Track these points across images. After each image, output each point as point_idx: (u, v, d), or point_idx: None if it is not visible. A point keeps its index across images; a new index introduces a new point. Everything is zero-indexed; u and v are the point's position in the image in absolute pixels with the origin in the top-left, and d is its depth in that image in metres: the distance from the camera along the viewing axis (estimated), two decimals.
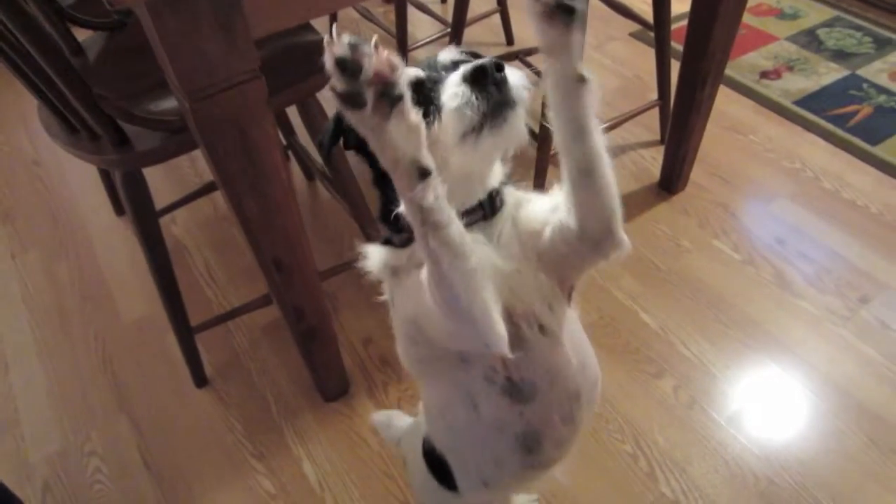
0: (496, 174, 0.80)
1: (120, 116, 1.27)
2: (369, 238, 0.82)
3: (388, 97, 0.54)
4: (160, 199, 1.60)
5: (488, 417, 0.83)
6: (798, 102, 2.45)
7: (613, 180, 0.70)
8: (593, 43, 2.77)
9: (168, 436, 1.69)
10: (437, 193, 0.59)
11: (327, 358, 1.61)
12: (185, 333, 1.66)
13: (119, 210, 2.23)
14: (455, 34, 2.27)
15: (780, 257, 1.95)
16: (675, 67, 1.97)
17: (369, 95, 0.54)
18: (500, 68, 0.67)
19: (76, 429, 1.72)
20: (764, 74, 2.59)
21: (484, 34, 2.85)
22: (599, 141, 0.68)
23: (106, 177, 2.12)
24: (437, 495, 1.02)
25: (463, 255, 0.64)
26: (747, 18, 2.82)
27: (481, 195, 0.77)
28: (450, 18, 2.32)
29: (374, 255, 0.81)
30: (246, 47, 1.00)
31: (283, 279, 1.33)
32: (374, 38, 0.54)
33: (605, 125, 2.12)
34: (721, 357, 1.73)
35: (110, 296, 2.01)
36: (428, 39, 2.65)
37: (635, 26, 2.76)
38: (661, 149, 2.19)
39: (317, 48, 1.51)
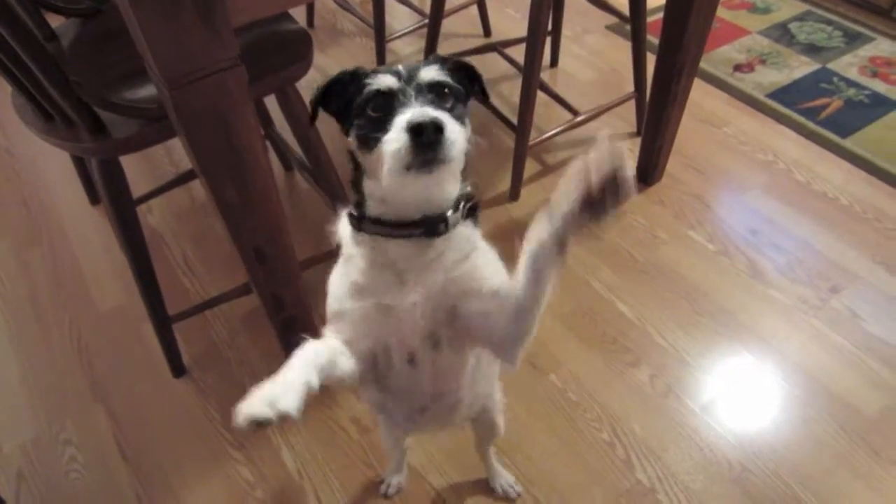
0: (446, 202, 0.83)
1: (97, 104, 1.26)
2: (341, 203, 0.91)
3: None
4: (135, 188, 1.59)
5: (388, 387, 0.95)
6: (770, 95, 2.48)
7: (538, 321, 0.81)
8: (569, 35, 2.78)
9: (145, 425, 1.68)
10: None
11: None
12: (163, 323, 1.65)
13: (93, 199, 2.21)
14: (433, 25, 2.27)
15: (754, 248, 1.98)
16: (650, 60, 1.99)
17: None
18: (439, 129, 0.71)
19: (51, 418, 1.70)
20: (737, 67, 2.62)
21: (462, 25, 2.85)
22: (546, 293, 0.78)
23: (80, 165, 2.09)
24: None
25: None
26: (720, 12, 2.86)
27: (424, 213, 0.81)
28: (428, 10, 2.32)
29: (343, 228, 0.89)
30: (226, 35, 0.99)
31: (264, 268, 1.33)
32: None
33: (581, 117, 2.13)
34: (696, 346, 1.75)
35: (85, 285, 1.99)
36: (406, 30, 2.64)
37: (612, 19, 2.77)
38: (638, 140, 2.21)
39: (295, 37, 1.51)
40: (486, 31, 2.84)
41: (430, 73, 0.79)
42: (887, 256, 1.93)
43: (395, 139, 0.72)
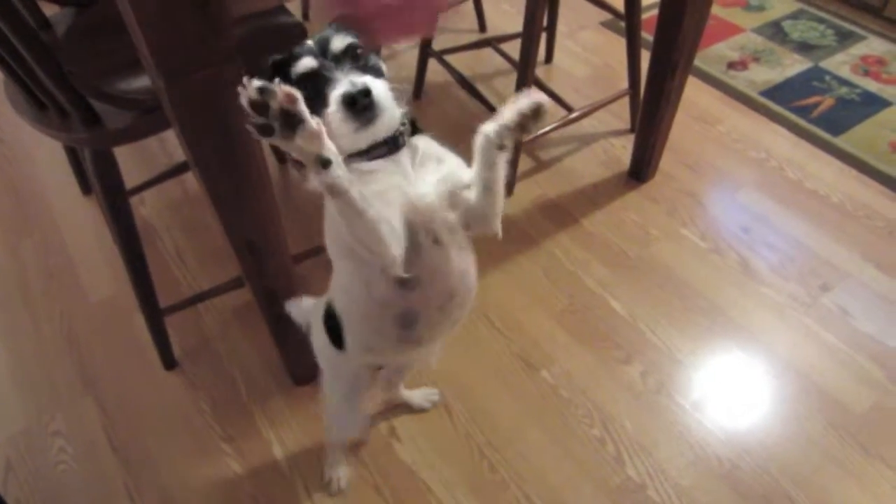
0: (394, 126, 0.92)
1: (91, 94, 1.25)
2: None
3: (290, 124, 0.73)
4: (128, 179, 1.58)
5: (378, 298, 1.01)
6: (764, 93, 2.49)
7: (503, 193, 0.95)
8: (564, 31, 2.78)
9: (135, 417, 1.68)
10: (336, 174, 0.78)
11: (299, 341, 1.60)
12: (154, 315, 1.65)
13: (86, 189, 2.20)
14: None
15: (746, 245, 1.98)
16: (645, 57, 1.99)
17: (276, 125, 0.72)
18: (367, 94, 0.83)
19: (40, 409, 1.69)
20: (731, 65, 2.63)
21: (457, 20, 2.84)
22: (502, 172, 0.92)
23: (72, 155, 2.08)
24: (329, 353, 1.23)
25: (362, 211, 0.82)
26: (715, 9, 2.86)
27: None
28: None
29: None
30: (223, 27, 0.99)
31: (257, 262, 1.32)
32: (277, 81, 0.71)
33: (576, 113, 2.12)
34: (687, 343, 1.76)
35: (76, 276, 1.98)
36: None
37: (606, 15, 2.77)
38: (631, 137, 2.22)
39: (291, 30, 1.51)
40: (482, 27, 2.83)
41: (340, 41, 0.88)
42: (878, 254, 1.94)
43: (334, 112, 0.84)
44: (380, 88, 0.85)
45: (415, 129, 0.98)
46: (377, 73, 0.89)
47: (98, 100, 1.26)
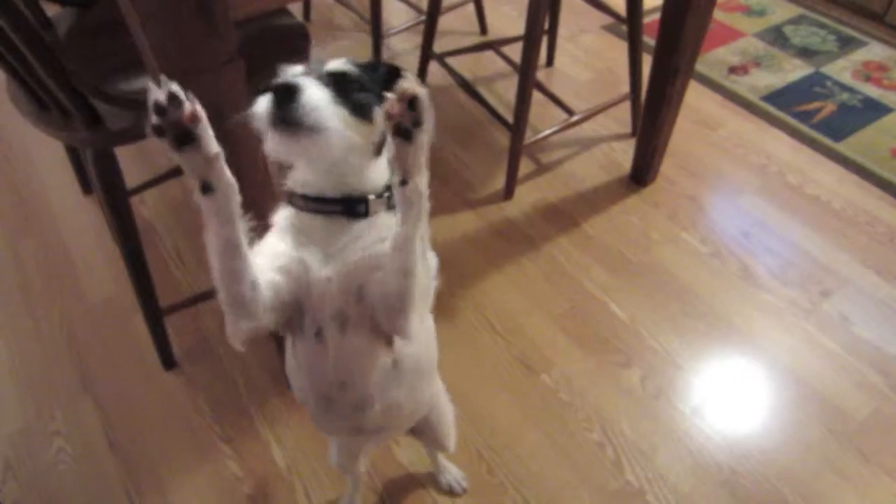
0: (367, 183, 0.84)
1: (93, 94, 1.25)
2: None
3: (181, 138, 0.66)
4: (128, 179, 1.58)
5: (298, 356, 0.92)
6: (765, 98, 2.49)
7: (419, 284, 0.78)
8: (566, 35, 2.78)
9: (134, 417, 1.67)
10: (219, 206, 0.72)
11: None
12: (154, 315, 1.64)
13: (86, 189, 2.19)
14: (429, 23, 2.26)
15: (746, 250, 1.98)
16: (646, 61, 1.99)
17: (170, 133, 0.66)
18: (293, 90, 0.74)
19: (40, 408, 1.69)
20: (732, 70, 2.63)
21: (458, 23, 2.84)
22: (414, 234, 0.75)
23: (73, 155, 2.08)
24: None
25: (232, 256, 0.74)
26: (716, 14, 2.85)
27: (340, 192, 0.83)
28: (424, 6, 2.32)
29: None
30: (225, 29, 0.99)
31: None
32: (190, 95, 0.64)
33: (577, 117, 2.12)
34: (687, 348, 1.76)
35: (76, 275, 1.98)
36: (402, 27, 2.64)
37: (608, 19, 2.78)
38: (632, 141, 2.22)
39: (293, 31, 1.51)
40: (483, 30, 2.84)
41: (336, 65, 0.81)
42: (878, 260, 1.95)
43: (260, 104, 0.76)
44: (317, 96, 0.75)
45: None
46: (360, 111, 0.78)
47: (100, 100, 1.26)
